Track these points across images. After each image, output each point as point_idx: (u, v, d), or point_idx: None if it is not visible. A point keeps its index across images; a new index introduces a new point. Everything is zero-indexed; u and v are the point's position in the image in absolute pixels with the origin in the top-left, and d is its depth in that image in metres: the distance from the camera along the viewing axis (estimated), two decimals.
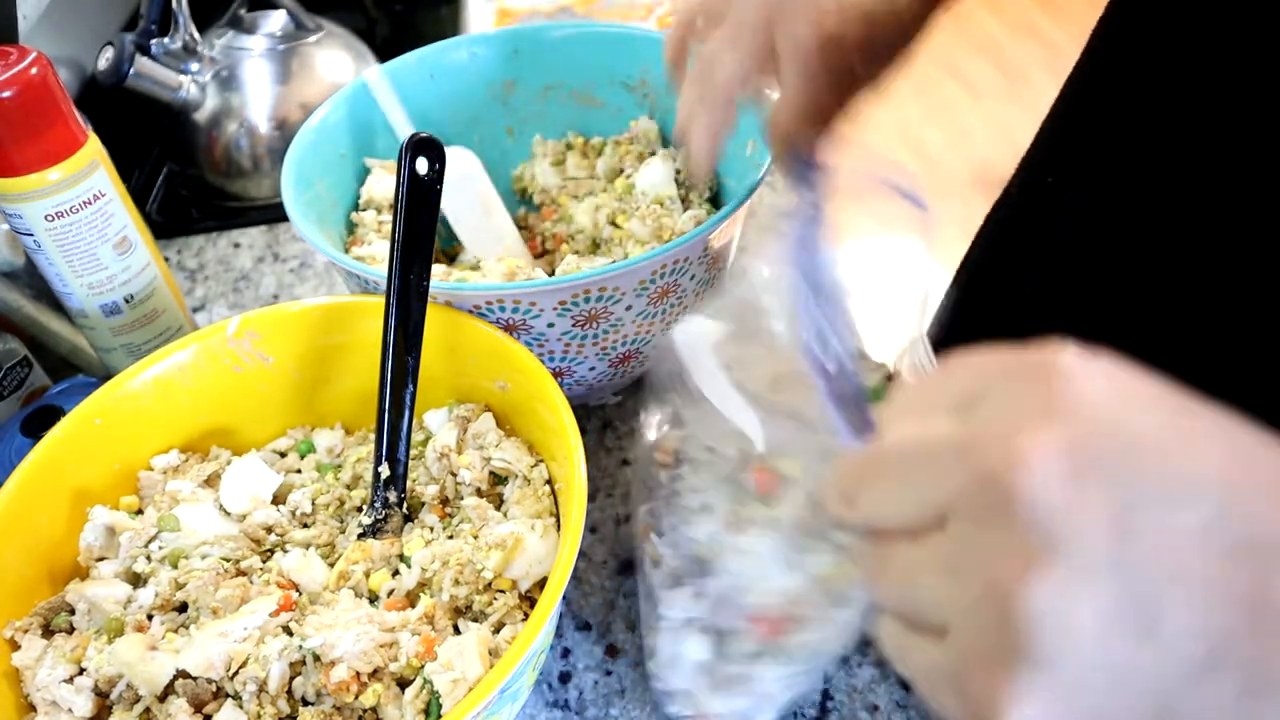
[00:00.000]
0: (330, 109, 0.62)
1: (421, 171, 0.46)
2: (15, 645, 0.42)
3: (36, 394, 0.66)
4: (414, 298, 0.47)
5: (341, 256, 0.51)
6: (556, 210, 0.68)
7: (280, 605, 0.42)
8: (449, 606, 0.42)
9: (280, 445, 0.54)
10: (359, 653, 0.39)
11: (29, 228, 0.54)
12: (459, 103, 0.69)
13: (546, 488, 0.48)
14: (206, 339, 0.51)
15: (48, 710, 0.40)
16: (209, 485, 0.50)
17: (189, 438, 0.52)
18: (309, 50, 0.85)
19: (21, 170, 0.52)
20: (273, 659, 0.39)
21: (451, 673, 0.38)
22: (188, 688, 0.39)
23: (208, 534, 0.46)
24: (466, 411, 0.51)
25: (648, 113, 0.67)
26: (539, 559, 0.43)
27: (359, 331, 0.52)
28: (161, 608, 0.43)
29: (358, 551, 0.45)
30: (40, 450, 0.45)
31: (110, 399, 0.48)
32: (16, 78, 0.50)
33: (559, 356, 0.53)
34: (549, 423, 0.46)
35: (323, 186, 0.61)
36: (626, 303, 0.51)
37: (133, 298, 0.59)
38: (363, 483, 0.50)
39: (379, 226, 0.62)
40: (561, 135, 0.70)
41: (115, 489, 0.48)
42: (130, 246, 0.58)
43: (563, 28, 0.67)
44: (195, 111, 0.83)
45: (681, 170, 0.63)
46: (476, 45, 0.67)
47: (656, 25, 1.05)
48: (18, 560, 0.43)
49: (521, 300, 0.49)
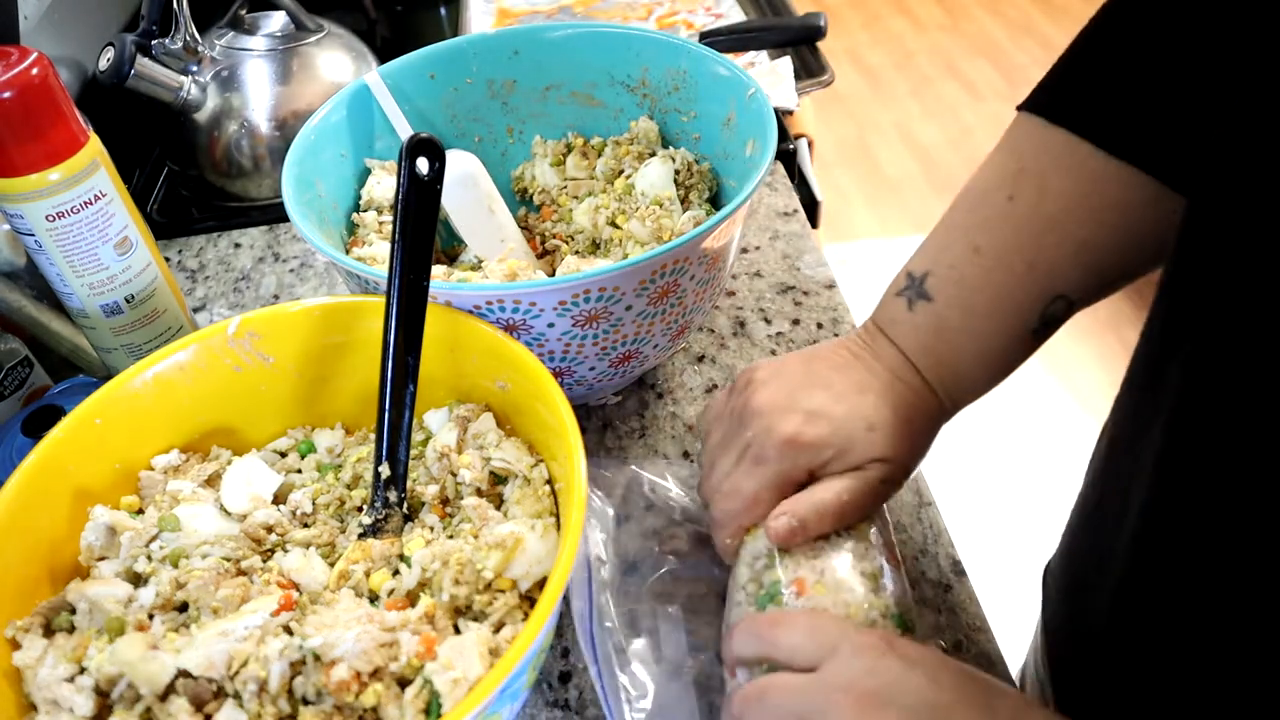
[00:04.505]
0: (331, 109, 0.62)
1: (422, 172, 0.46)
2: (16, 645, 0.42)
3: (37, 394, 0.66)
4: (414, 298, 0.47)
5: (342, 257, 0.51)
6: (556, 210, 0.68)
7: (281, 605, 0.42)
8: (449, 606, 0.42)
9: (281, 445, 0.54)
10: (359, 652, 0.39)
11: (30, 228, 0.54)
12: (459, 103, 0.69)
13: (546, 488, 0.48)
14: (207, 339, 0.51)
15: (49, 709, 0.40)
16: (209, 485, 0.50)
17: (189, 438, 0.52)
18: (309, 51, 0.85)
19: (22, 170, 0.52)
20: (273, 659, 0.39)
21: (452, 672, 0.38)
22: (188, 687, 0.39)
23: (208, 534, 0.46)
24: (467, 411, 0.51)
25: (648, 113, 0.67)
26: (539, 559, 0.43)
27: (359, 331, 0.53)
28: (162, 607, 0.43)
29: (358, 551, 0.45)
30: (41, 450, 0.45)
31: (111, 399, 0.48)
32: (17, 78, 0.50)
33: (559, 356, 0.53)
34: (549, 423, 0.46)
35: (323, 187, 0.61)
36: (626, 303, 0.51)
37: (133, 298, 0.59)
38: (363, 483, 0.50)
39: (379, 227, 0.62)
40: (561, 135, 0.70)
41: (116, 489, 0.48)
42: (131, 246, 0.58)
43: (563, 28, 0.67)
44: (196, 112, 0.83)
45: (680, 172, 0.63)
46: (476, 45, 0.68)
47: (656, 25, 1.05)
48: (18, 560, 0.43)
49: (521, 300, 0.49)
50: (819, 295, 0.72)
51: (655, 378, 0.66)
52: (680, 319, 0.55)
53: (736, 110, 0.61)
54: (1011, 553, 1.61)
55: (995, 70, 2.99)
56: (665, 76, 0.65)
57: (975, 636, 0.50)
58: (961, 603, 0.51)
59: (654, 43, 0.65)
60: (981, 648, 0.49)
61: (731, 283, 0.73)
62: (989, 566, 1.53)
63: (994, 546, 1.64)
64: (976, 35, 3.17)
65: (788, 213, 0.80)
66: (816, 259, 0.75)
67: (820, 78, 0.91)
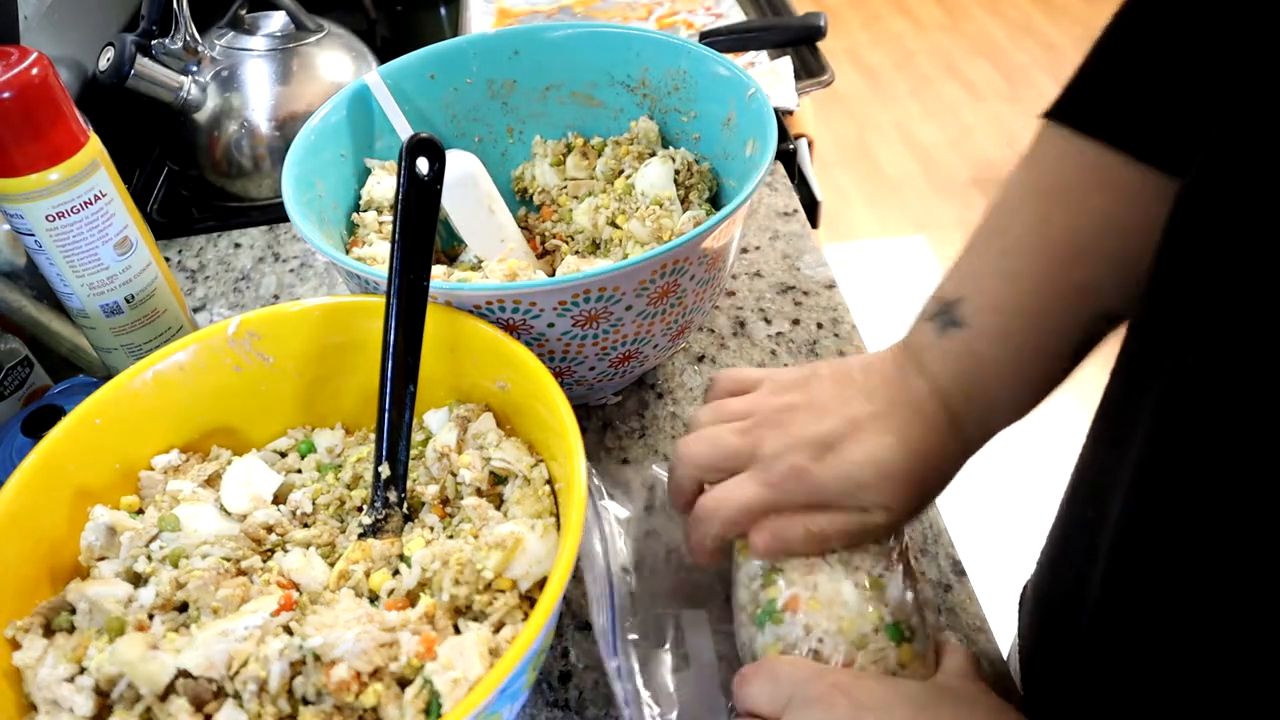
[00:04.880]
0: (331, 109, 0.62)
1: (422, 172, 0.46)
2: (16, 645, 0.42)
3: (37, 394, 0.66)
4: (414, 298, 0.47)
5: (342, 257, 0.51)
6: (556, 210, 0.68)
7: (281, 605, 0.42)
8: (449, 606, 0.43)
9: (281, 445, 0.54)
10: (359, 652, 0.39)
11: (30, 228, 0.54)
12: (459, 103, 0.69)
13: (546, 488, 0.48)
14: (207, 339, 0.51)
15: (49, 709, 0.40)
16: (209, 485, 0.50)
17: (189, 438, 0.52)
18: (309, 51, 0.85)
19: (22, 170, 0.52)
20: (273, 659, 0.39)
21: (452, 672, 0.38)
22: (188, 687, 0.39)
23: (208, 534, 0.46)
24: (466, 411, 0.51)
25: (648, 113, 0.67)
26: (539, 559, 0.43)
27: (359, 331, 0.53)
28: (162, 607, 0.43)
29: (358, 551, 0.45)
30: (41, 450, 0.45)
31: (111, 399, 0.48)
32: (17, 78, 0.50)
33: (559, 356, 0.53)
34: (549, 423, 0.46)
35: (323, 187, 0.61)
36: (626, 303, 0.51)
37: (133, 298, 0.59)
38: (363, 482, 0.50)
39: (380, 227, 0.62)
40: (561, 135, 0.70)
41: (116, 489, 0.48)
42: (131, 246, 0.58)
43: (563, 28, 0.67)
44: (196, 112, 0.83)
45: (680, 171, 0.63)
46: (476, 45, 0.68)
47: (656, 25, 1.05)
48: (18, 560, 0.43)
49: (521, 300, 0.49)
50: (819, 295, 0.72)
51: (655, 378, 0.66)
52: (680, 319, 0.55)
53: (736, 110, 0.61)
54: (1011, 553, 1.61)
55: (995, 70, 2.99)
56: (665, 76, 0.65)
57: (975, 636, 0.50)
58: (961, 603, 0.51)
59: (654, 43, 0.65)
60: (981, 647, 0.49)
61: (731, 283, 0.73)
62: (989, 566, 1.53)
63: (994, 546, 1.64)
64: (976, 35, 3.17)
65: (788, 213, 0.80)
66: (816, 259, 0.75)
67: (820, 78, 0.91)
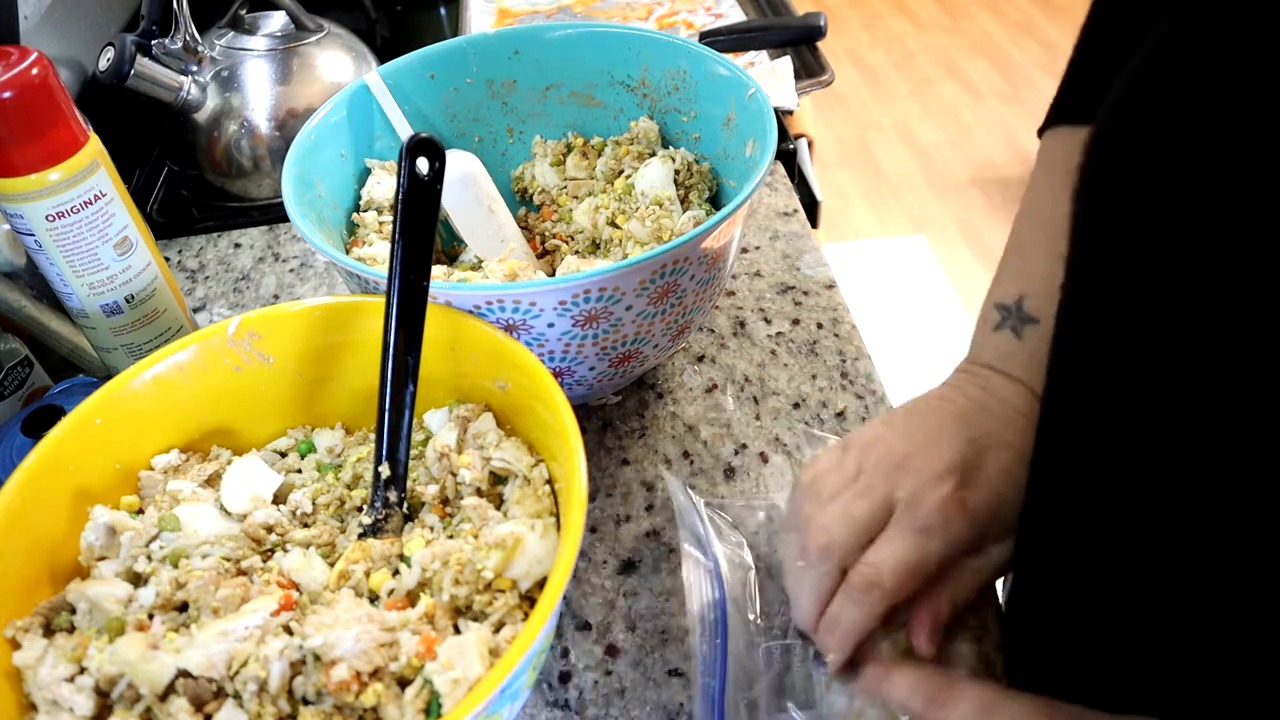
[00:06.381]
0: (331, 110, 0.62)
1: (422, 172, 0.46)
2: (16, 645, 0.42)
3: (37, 394, 0.66)
4: (414, 298, 0.47)
5: (342, 257, 0.51)
6: (556, 210, 0.68)
7: (281, 605, 0.42)
8: (449, 606, 0.43)
9: (280, 445, 0.54)
10: (359, 652, 0.39)
11: (30, 228, 0.54)
12: (459, 103, 0.69)
13: (546, 488, 0.48)
14: (207, 339, 0.51)
15: (49, 709, 0.40)
16: (209, 485, 0.50)
17: (189, 438, 0.52)
18: (309, 51, 0.85)
19: (22, 170, 0.52)
20: (273, 658, 0.39)
21: (452, 672, 0.38)
22: (188, 687, 0.39)
23: (208, 533, 0.46)
24: (466, 411, 0.51)
25: (648, 113, 0.67)
26: (539, 559, 0.43)
27: (359, 331, 0.53)
28: (162, 607, 0.43)
29: (358, 551, 0.45)
30: (41, 450, 0.45)
31: (111, 399, 0.48)
32: (17, 78, 0.50)
33: (559, 356, 0.53)
34: (549, 423, 0.46)
35: (323, 187, 0.61)
36: (626, 303, 0.51)
37: (133, 298, 0.59)
38: (363, 482, 0.50)
39: (380, 227, 0.62)
40: (561, 135, 0.70)
41: (116, 489, 0.48)
42: (131, 246, 0.58)
43: (563, 28, 0.67)
44: (196, 112, 0.83)
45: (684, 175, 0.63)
46: (476, 45, 0.68)
47: (656, 25, 1.05)
48: (18, 560, 0.43)
49: (521, 300, 0.49)
50: (819, 295, 0.72)
51: (655, 378, 0.66)
52: (680, 319, 0.55)
53: (736, 110, 0.61)
54: None
55: (995, 70, 2.99)
56: (665, 76, 0.65)
57: None
58: None
59: (654, 43, 0.65)
60: None
61: (731, 283, 0.73)
62: None
63: None
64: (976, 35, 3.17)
65: (787, 213, 0.80)
66: (816, 259, 0.75)
67: (820, 78, 0.92)
